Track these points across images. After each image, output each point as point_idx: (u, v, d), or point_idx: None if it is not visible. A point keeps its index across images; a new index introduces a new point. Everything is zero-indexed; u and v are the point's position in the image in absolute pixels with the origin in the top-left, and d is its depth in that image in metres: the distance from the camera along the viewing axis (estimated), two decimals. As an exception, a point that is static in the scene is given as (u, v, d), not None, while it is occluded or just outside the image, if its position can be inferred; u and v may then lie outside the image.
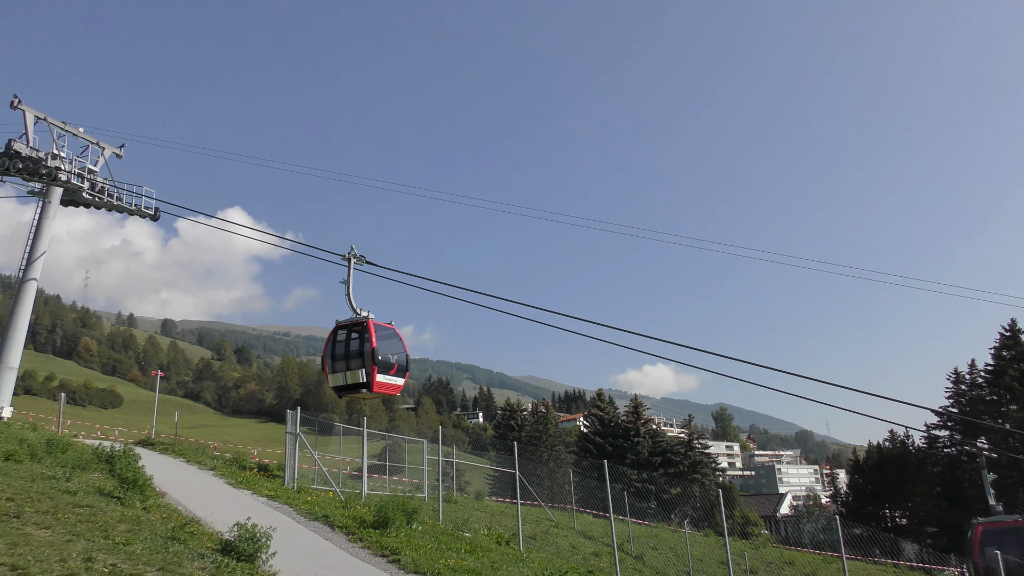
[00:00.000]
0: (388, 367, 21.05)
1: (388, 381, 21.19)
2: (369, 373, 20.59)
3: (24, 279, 35.99)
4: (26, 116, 35.57)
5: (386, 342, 21.29)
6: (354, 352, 21.12)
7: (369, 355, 20.49)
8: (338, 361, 21.62)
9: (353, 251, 20.86)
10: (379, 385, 20.90)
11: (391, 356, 21.23)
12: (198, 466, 27.13)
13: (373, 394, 21.39)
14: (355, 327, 21.37)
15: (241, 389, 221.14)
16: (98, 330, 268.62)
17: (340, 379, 21.57)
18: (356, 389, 21.28)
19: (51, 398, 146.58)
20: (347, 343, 21.54)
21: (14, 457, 17.80)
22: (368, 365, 20.55)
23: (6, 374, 34.82)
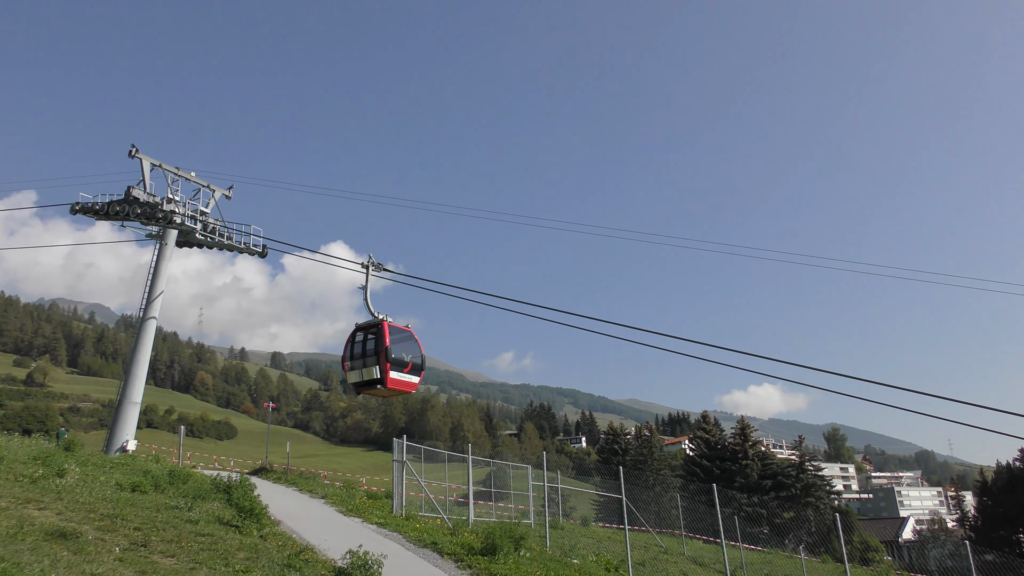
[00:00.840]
0: (402, 365, 21.99)
1: (402, 378, 22.06)
2: (383, 370, 21.54)
3: (144, 318, 37.92)
4: (143, 164, 37.68)
5: (401, 343, 22.26)
6: (370, 351, 22.08)
7: (383, 353, 21.47)
8: (356, 360, 22.56)
9: (371, 259, 22.60)
10: (392, 382, 21.77)
11: (405, 355, 22.13)
12: (310, 495, 27.78)
13: (387, 390, 22.20)
14: (371, 328, 22.37)
15: (348, 418, 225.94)
16: (212, 364, 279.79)
17: (357, 376, 22.53)
18: (371, 385, 22.13)
19: (171, 431, 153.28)
20: (364, 343, 22.48)
21: (140, 488, 18.62)
22: (382, 363, 21.52)
23: (130, 409, 36.66)
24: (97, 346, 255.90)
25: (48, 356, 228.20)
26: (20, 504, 14.47)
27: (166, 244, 38.34)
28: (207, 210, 39.56)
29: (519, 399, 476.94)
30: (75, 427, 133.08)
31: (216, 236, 39.27)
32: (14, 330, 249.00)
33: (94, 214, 38.54)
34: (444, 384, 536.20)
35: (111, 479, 19.69)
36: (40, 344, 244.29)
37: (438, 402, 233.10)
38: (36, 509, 14.38)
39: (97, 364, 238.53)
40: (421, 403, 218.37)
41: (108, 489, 18.02)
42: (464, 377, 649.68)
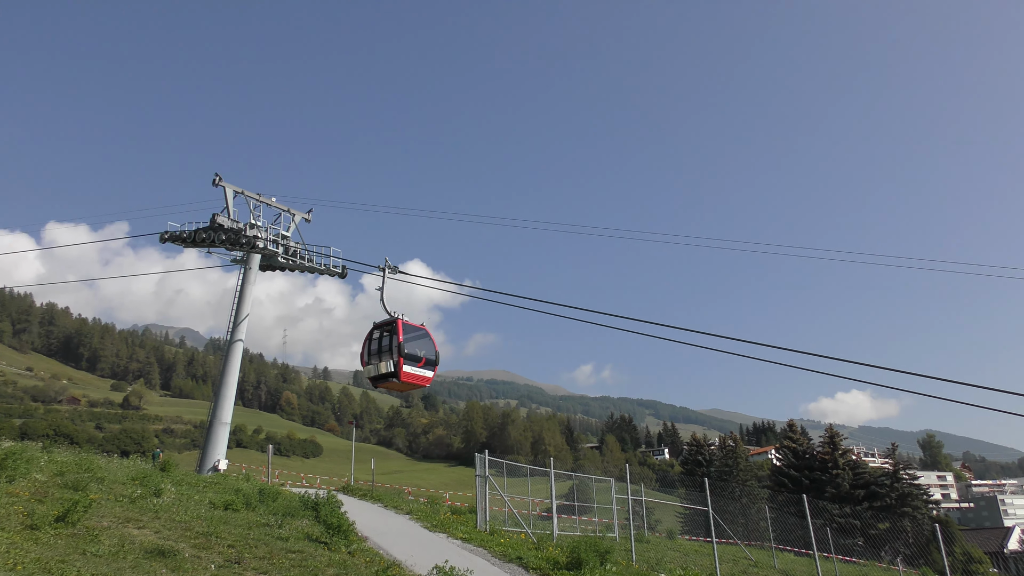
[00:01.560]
0: (416, 360, 23.42)
1: (416, 372, 23.48)
2: (396, 364, 22.95)
3: (232, 340, 39.08)
4: (226, 192, 38.92)
5: (415, 340, 23.75)
6: (385, 347, 23.55)
7: (396, 349, 22.93)
8: (373, 355, 24.04)
9: (387, 262, 24.73)
10: (406, 375, 23.15)
11: (419, 351, 23.56)
12: (395, 511, 28.08)
13: (402, 383, 23.48)
14: (387, 326, 23.84)
15: (429, 434, 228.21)
16: (297, 384, 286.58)
17: (373, 370, 23.99)
18: (387, 378, 23.46)
19: (259, 450, 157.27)
20: (380, 340, 23.98)
21: (232, 506, 19.14)
22: (396, 358, 22.96)
23: (220, 429, 37.76)
24: (188, 369, 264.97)
25: (143, 380, 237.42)
26: (121, 523, 15.03)
27: (250, 268, 39.48)
28: (288, 234, 40.60)
29: (599, 411, 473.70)
30: (169, 448, 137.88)
31: (297, 259, 40.25)
32: (111, 356, 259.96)
33: (182, 242, 40.00)
34: (524, 398, 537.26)
35: (205, 498, 20.28)
36: (135, 369, 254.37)
37: (518, 416, 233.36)
38: (136, 528, 14.91)
39: (188, 386, 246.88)
40: (502, 418, 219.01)
41: (202, 508, 18.57)
42: (543, 391, 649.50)
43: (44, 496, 16.14)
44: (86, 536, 13.36)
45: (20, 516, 13.80)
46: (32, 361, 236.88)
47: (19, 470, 17.85)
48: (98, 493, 17.41)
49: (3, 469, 17.49)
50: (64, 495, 16.01)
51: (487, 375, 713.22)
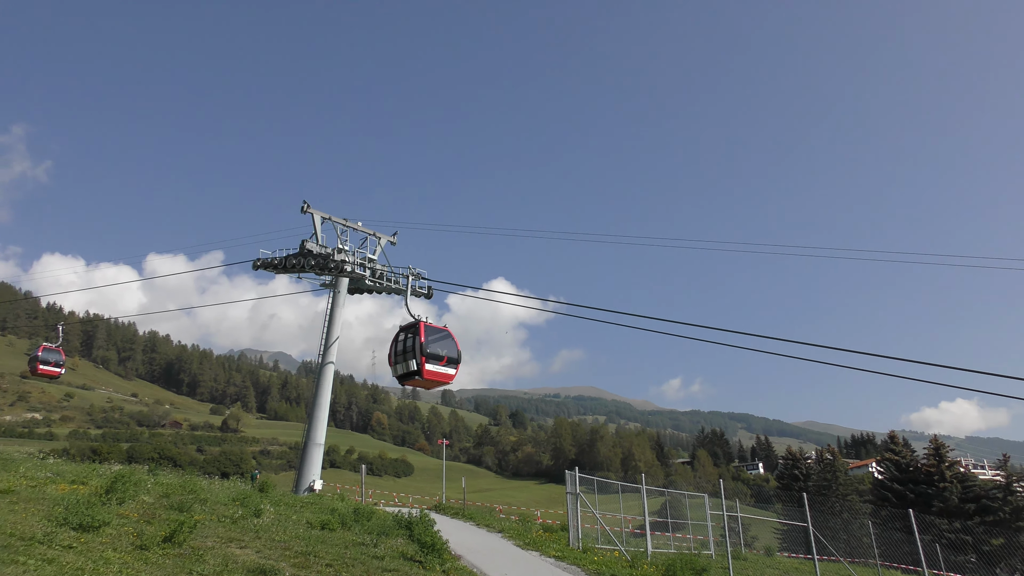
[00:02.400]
0: (438, 359, 25.55)
1: (438, 370, 25.64)
2: (419, 363, 25.09)
3: (323, 363, 39.93)
4: (314, 218, 39.91)
5: (438, 341, 25.81)
6: (409, 348, 25.64)
7: (419, 349, 25.05)
8: (399, 356, 26.16)
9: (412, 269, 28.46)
10: (429, 373, 25.32)
11: (440, 350, 25.62)
12: (487, 529, 28.14)
13: (425, 380, 25.58)
14: (411, 329, 26.00)
15: (519, 452, 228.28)
16: (387, 404, 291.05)
17: (399, 369, 26.13)
18: (411, 376, 25.58)
19: (352, 470, 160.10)
20: (405, 341, 26.10)
21: (329, 526, 19.50)
22: (418, 357, 25.10)
23: (315, 450, 38.55)
24: (282, 392, 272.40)
25: (239, 403, 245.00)
26: (224, 543, 15.48)
27: (339, 292, 40.33)
28: (374, 257, 41.31)
29: (689, 426, 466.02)
30: (266, 469, 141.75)
31: (384, 281, 40.90)
32: (209, 380, 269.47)
33: (273, 268, 41.19)
34: (612, 414, 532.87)
35: (302, 517, 20.72)
36: (232, 392, 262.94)
37: (607, 432, 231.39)
38: (238, 548, 15.34)
39: (283, 409, 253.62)
40: (590, 434, 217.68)
41: (300, 527, 18.98)
42: (632, 406, 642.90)
43: (152, 517, 16.76)
44: (192, 556, 13.81)
45: (131, 537, 14.37)
46: (137, 387, 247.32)
47: (128, 492, 18.60)
48: (202, 514, 17.98)
49: (114, 492, 18.25)
50: (170, 516, 16.59)
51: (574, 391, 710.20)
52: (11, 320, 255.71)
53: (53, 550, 12.45)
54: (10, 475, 19.75)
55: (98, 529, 14.24)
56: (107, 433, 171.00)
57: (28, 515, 14.96)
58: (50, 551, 12.34)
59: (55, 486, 19.23)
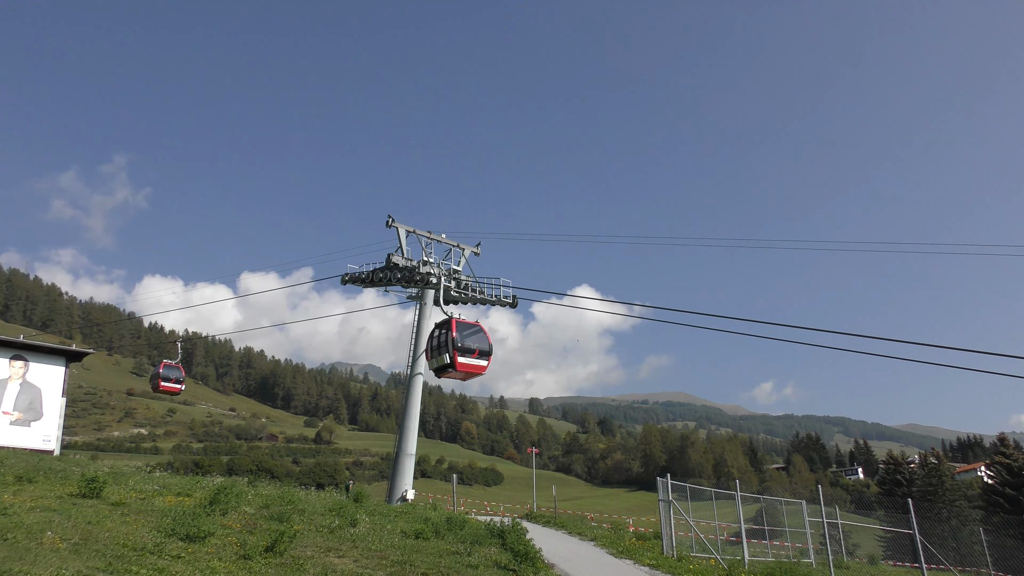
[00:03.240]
0: (469, 352, 27.37)
1: (470, 362, 27.44)
2: (451, 356, 27.00)
3: (412, 374, 40.51)
4: (399, 232, 40.56)
5: (470, 336, 27.64)
6: (443, 343, 27.55)
7: (451, 343, 27.01)
8: (434, 350, 28.22)
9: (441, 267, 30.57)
10: (461, 365, 27.15)
11: (472, 344, 27.45)
12: (579, 537, 28.02)
13: (458, 372, 27.50)
14: (444, 325, 27.98)
15: (608, 459, 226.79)
16: (475, 414, 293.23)
17: (435, 363, 28.21)
18: (446, 369, 27.44)
19: (443, 479, 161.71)
20: (439, 337, 28.07)
21: (422, 535, 19.73)
22: (451, 350, 27.00)
23: (406, 460, 39.11)
24: (372, 403, 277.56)
25: (332, 416, 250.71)
26: (323, 552, 15.84)
27: (425, 304, 40.88)
28: (459, 268, 41.70)
29: (783, 431, 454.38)
30: (359, 479, 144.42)
31: (469, 292, 41.25)
32: (302, 394, 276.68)
33: (361, 283, 42.04)
34: (702, 419, 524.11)
35: (396, 527, 21.03)
36: (325, 405, 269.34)
37: (697, 438, 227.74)
38: (336, 557, 15.67)
39: (374, 420, 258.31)
40: (680, 440, 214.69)
41: (395, 537, 19.25)
42: (722, 411, 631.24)
43: (253, 528, 17.27)
44: (292, 565, 14.17)
45: (234, 547, 14.83)
46: (234, 402, 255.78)
47: (230, 504, 19.22)
48: (300, 524, 18.44)
49: (217, 503, 18.89)
50: (271, 526, 17.06)
51: (662, 397, 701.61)
52: (117, 340, 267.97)
53: (163, 560, 12.96)
54: (121, 488, 20.67)
55: (204, 539, 14.76)
56: (208, 447, 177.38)
57: (139, 526, 15.62)
58: (160, 561, 12.85)
59: (162, 498, 20.03)
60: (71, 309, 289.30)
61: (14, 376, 36.83)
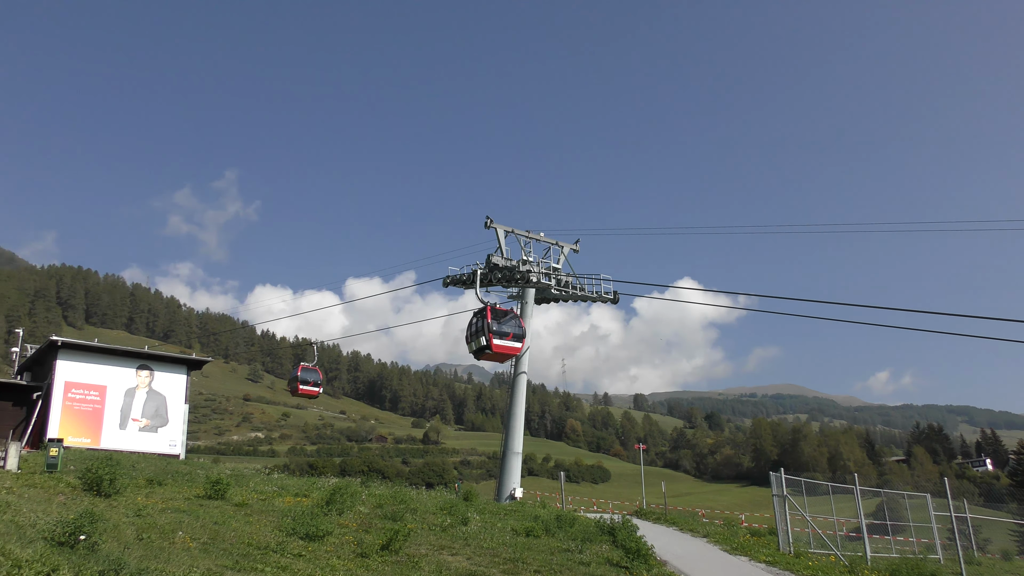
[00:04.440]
0: (504, 335, 30.60)
1: (505, 344, 30.77)
2: (487, 338, 30.13)
3: (516, 373, 40.76)
4: (498, 232, 40.87)
5: (504, 321, 30.84)
6: (480, 328, 30.71)
7: (486, 327, 30.14)
8: (472, 336, 31.42)
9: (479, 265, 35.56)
10: (497, 347, 30.47)
11: (506, 328, 30.67)
12: (691, 534, 27.58)
13: (495, 353, 31.00)
14: (481, 312, 31.09)
15: (717, 455, 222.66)
16: (579, 411, 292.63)
17: (473, 346, 31.59)
18: (483, 351, 30.76)
19: (550, 477, 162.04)
20: (477, 323, 31.21)
21: (533, 532, 19.82)
22: (486, 334, 30.10)
23: (513, 459, 39.37)
24: (477, 403, 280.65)
25: (438, 416, 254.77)
26: (436, 550, 16.10)
27: (526, 303, 41.07)
28: (558, 266, 41.74)
29: (902, 421, 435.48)
30: (467, 478, 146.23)
31: (569, 289, 41.24)
32: (409, 395, 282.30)
33: (462, 284, 42.60)
34: (814, 411, 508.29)
35: (507, 525, 21.19)
36: (431, 406, 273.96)
37: (810, 431, 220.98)
38: (450, 555, 15.90)
39: (479, 420, 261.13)
40: (792, 433, 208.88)
41: (506, 534, 19.41)
42: (836, 402, 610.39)
43: (369, 527, 17.71)
44: (408, 563, 14.46)
45: (351, 545, 15.24)
46: (344, 405, 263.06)
47: (346, 504, 19.77)
48: (413, 523, 18.80)
49: (333, 503, 19.46)
50: (385, 525, 17.46)
51: (771, 390, 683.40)
52: (232, 348, 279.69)
53: (285, 558, 13.43)
54: (243, 490, 21.54)
55: (322, 538, 15.23)
56: (321, 449, 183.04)
57: (261, 526, 16.24)
58: (283, 559, 13.32)
59: (281, 499, 20.77)
60: (189, 320, 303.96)
61: (141, 385, 38.93)
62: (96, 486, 17.96)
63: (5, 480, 18.60)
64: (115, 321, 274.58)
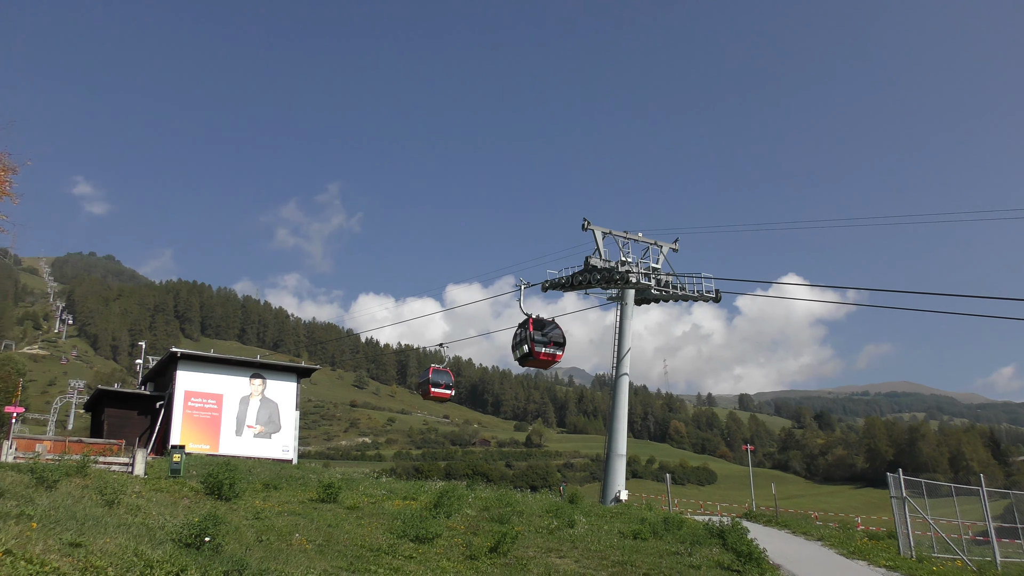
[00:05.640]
0: (545, 343, 33.77)
1: (547, 351, 33.86)
2: (530, 346, 33.46)
3: (617, 375, 40.56)
4: (595, 234, 40.75)
5: (545, 330, 33.96)
6: (524, 337, 33.84)
7: (529, 337, 33.47)
8: (517, 344, 34.62)
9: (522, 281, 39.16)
10: (538, 354, 33.60)
11: (547, 337, 33.69)
12: (804, 537, 26.82)
13: (539, 360, 34.25)
14: (524, 323, 34.29)
15: (828, 455, 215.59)
16: (683, 412, 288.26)
17: (517, 354, 34.87)
18: (527, 358, 33.95)
19: (654, 479, 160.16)
20: (520, 333, 34.38)
21: (640, 535, 19.63)
22: (529, 342, 33.43)
23: (617, 461, 39.17)
24: (578, 406, 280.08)
25: (540, 419, 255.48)
26: (544, 553, 16.14)
27: (626, 304, 40.83)
28: (658, 266, 41.31)
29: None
30: (571, 481, 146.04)
31: (670, 289, 40.75)
32: (511, 399, 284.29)
33: (561, 288, 42.62)
34: (932, 409, 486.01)
35: (613, 527, 21.07)
36: (532, 409, 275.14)
37: (928, 430, 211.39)
38: (557, 557, 15.91)
39: (581, 422, 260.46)
40: (908, 433, 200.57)
41: (613, 537, 19.29)
42: (955, 400, 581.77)
43: (476, 529, 17.90)
44: (516, 565, 14.54)
45: (460, 548, 15.44)
46: (447, 409, 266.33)
47: (453, 507, 20.04)
48: (520, 525, 18.90)
49: (441, 506, 19.75)
50: (492, 528, 17.61)
51: (885, 388, 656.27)
52: (338, 356, 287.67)
53: (397, 560, 13.72)
54: (354, 493, 22.11)
55: (432, 540, 15.48)
56: (426, 453, 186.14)
57: (372, 528, 16.63)
58: (395, 561, 13.61)
59: (390, 502, 21.22)
60: (297, 329, 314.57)
61: (255, 393, 40.47)
62: (217, 490, 18.77)
63: (134, 485, 19.63)
64: (228, 332, 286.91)
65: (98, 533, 10.29)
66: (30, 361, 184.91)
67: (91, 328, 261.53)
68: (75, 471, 18.69)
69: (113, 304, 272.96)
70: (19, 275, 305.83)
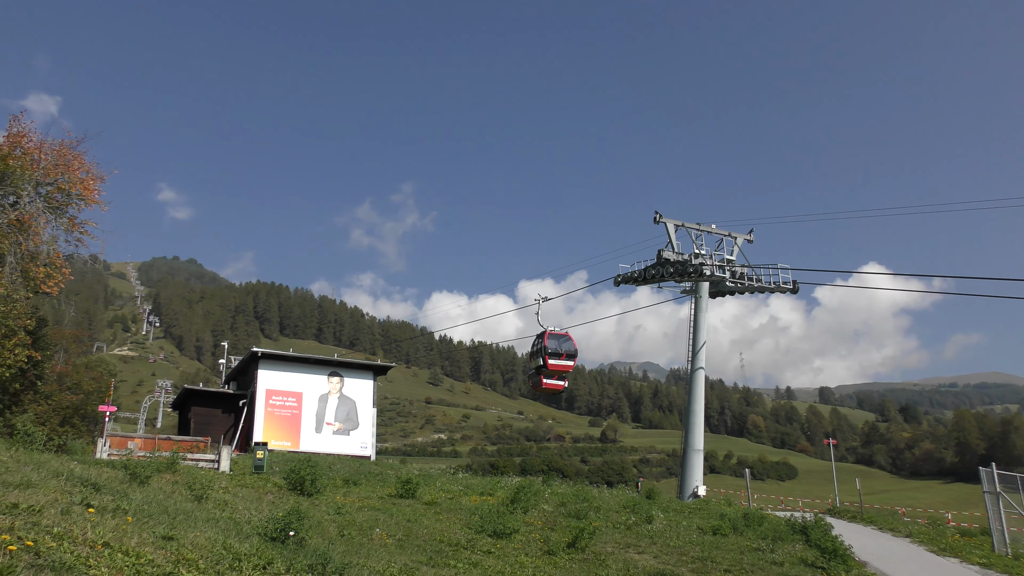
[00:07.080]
0: (558, 355, 33.58)
1: (559, 363, 33.65)
2: (543, 359, 33.36)
3: (693, 369, 40.01)
4: (668, 227, 40.30)
5: (558, 341, 33.92)
6: (538, 349, 34.06)
7: (543, 349, 33.46)
8: (532, 356, 34.87)
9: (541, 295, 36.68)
10: (552, 366, 33.42)
11: (560, 349, 33.63)
12: (891, 533, 26.02)
13: (550, 370, 33.66)
14: (540, 336, 34.34)
15: (915, 449, 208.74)
16: (761, 406, 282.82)
17: (532, 363, 34.98)
18: (540, 370, 33.93)
19: (732, 474, 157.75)
20: (535, 345, 34.54)
21: (720, 531, 19.34)
22: (542, 354, 33.41)
23: (694, 456, 38.66)
24: (653, 400, 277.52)
25: (615, 415, 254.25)
26: (622, 548, 16.04)
27: (700, 297, 40.24)
28: (732, 258, 40.62)
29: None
30: (647, 476, 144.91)
31: (745, 281, 40.01)
32: (585, 394, 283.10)
33: (634, 282, 42.28)
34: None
35: (692, 523, 20.81)
36: (607, 404, 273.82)
37: (1022, 422, 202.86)
38: (636, 553, 15.80)
39: (656, 417, 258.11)
40: (1001, 425, 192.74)
41: (692, 533, 19.06)
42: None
43: (554, 524, 17.90)
44: (595, 560, 14.49)
45: (538, 543, 15.46)
46: (521, 405, 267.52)
47: (530, 502, 20.08)
48: (597, 521, 18.83)
49: (518, 502, 19.81)
50: (569, 523, 17.58)
51: (974, 379, 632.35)
52: (413, 353, 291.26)
53: (476, 555, 13.81)
54: (431, 489, 22.36)
55: (510, 536, 15.53)
56: (501, 448, 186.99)
57: (451, 523, 16.78)
58: (473, 555, 13.70)
59: (467, 498, 21.38)
60: (372, 328, 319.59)
61: (333, 391, 41.28)
62: (299, 486, 19.22)
63: (221, 481, 20.23)
64: (306, 332, 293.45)
65: (189, 527, 10.63)
66: (120, 362, 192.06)
67: (176, 329, 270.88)
68: (165, 467, 19.36)
69: (196, 306, 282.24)
70: (108, 280, 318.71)
